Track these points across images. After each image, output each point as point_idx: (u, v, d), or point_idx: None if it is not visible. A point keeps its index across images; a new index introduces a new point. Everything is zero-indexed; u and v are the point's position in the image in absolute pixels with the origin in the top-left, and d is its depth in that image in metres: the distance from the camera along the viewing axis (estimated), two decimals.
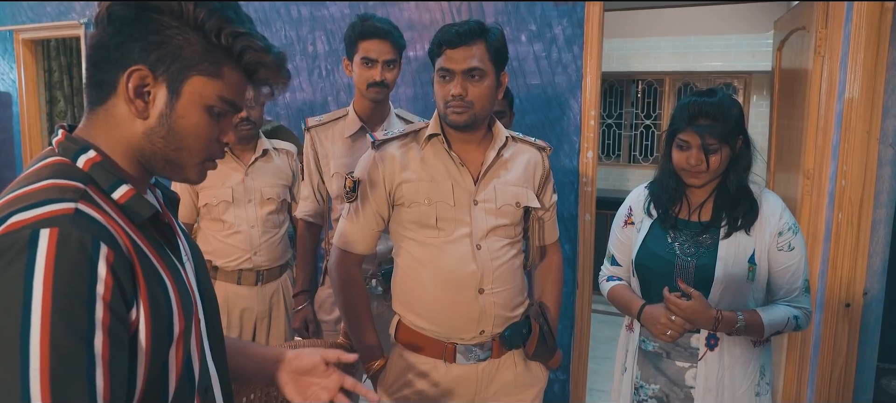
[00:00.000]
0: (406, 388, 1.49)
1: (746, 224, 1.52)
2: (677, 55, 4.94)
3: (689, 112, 1.51)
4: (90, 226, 0.67)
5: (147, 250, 0.75)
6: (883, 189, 2.17)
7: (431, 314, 1.47)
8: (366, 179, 1.48)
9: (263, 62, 0.80)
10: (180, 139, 0.78)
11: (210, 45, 0.77)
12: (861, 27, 2.08)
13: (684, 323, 1.48)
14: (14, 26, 3.92)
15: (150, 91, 0.76)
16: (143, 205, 0.76)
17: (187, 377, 0.81)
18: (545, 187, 1.59)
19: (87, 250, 0.65)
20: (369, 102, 1.94)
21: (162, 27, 0.75)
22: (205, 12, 0.75)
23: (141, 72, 0.75)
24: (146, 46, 0.75)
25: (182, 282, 0.80)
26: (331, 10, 2.91)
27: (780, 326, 1.51)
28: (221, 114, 0.81)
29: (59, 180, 0.71)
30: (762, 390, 1.58)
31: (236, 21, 0.78)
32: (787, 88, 2.81)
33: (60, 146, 0.77)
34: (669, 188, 1.60)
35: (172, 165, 0.81)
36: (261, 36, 0.80)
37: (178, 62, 0.76)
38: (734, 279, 1.51)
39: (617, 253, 1.73)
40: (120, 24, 0.75)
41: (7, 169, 4.21)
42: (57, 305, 0.62)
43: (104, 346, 0.65)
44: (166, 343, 0.75)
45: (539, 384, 1.58)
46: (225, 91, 0.79)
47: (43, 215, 0.65)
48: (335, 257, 1.54)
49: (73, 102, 4.66)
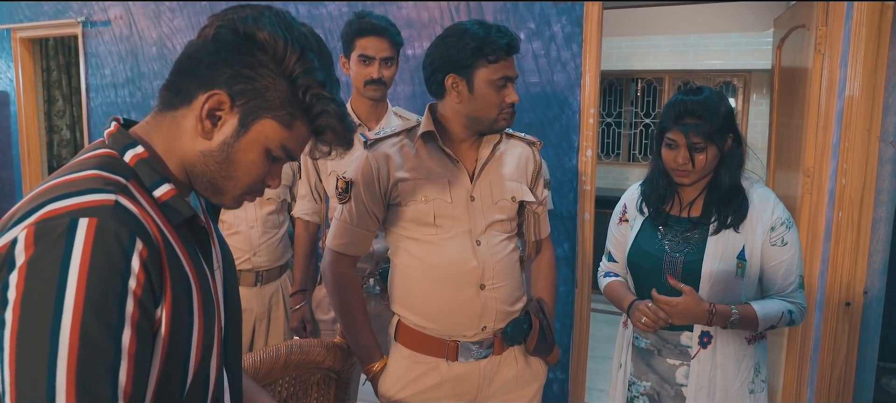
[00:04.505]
0: (408, 388, 1.48)
1: (735, 222, 1.51)
2: (677, 53, 4.93)
3: (675, 111, 1.50)
4: (128, 219, 0.67)
5: (179, 251, 0.75)
6: (883, 188, 2.16)
7: (432, 313, 1.46)
8: (359, 179, 1.46)
9: (334, 128, 0.82)
10: (233, 170, 0.80)
11: (294, 97, 0.78)
12: (861, 25, 2.08)
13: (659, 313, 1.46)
14: (12, 25, 3.91)
15: (223, 117, 0.77)
16: (182, 205, 0.77)
17: (201, 384, 0.81)
18: (537, 181, 1.60)
19: (123, 244, 0.65)
20: (367, 99, 1.93)
21: (257, 64, 0.76)
22: (301, 68, 0.77)
23: (220, 97, 0.76)
24: (235, 76, 0.76)
25: (208, 289, 0.80)
26: (328, 8, 2.90)
27: (774, 320, 1.50)
28: (276, 159, 0.82)
29: (103, 172, 0.72)
30: (757, 387, 1.58)
31: (327, 84, 0.80)
32: (786, 87, 2.81)
33: (111, 138, 0.77)
34: (660, 187, 1.60)
35: (215, 188, 0.82)
36: (341, 103, 0.82)
37: (258, 100, 0.77)
38: (722, 275, 1.50)
39: (613, 250, 1.74)
40: (220, 45, 0.76)
41: (5, 168, 4.20)
42: (90, 296, 0.62)
43: (131, 341, 0.65)
44: (183, 347, 0.75)
45: (539, 379, 1.59)
46: (289, 141, 0.80)
47: (83, 204, 0.66)
48: (329, 259, 1.52)
49: (71, 101, 4.65)
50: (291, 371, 1.43)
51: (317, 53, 0.80)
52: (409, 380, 1.48)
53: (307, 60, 0.78)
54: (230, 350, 0.91)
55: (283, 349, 1.38)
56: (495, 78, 1.38)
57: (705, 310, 1.45)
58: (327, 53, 0.83)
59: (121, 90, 3.57)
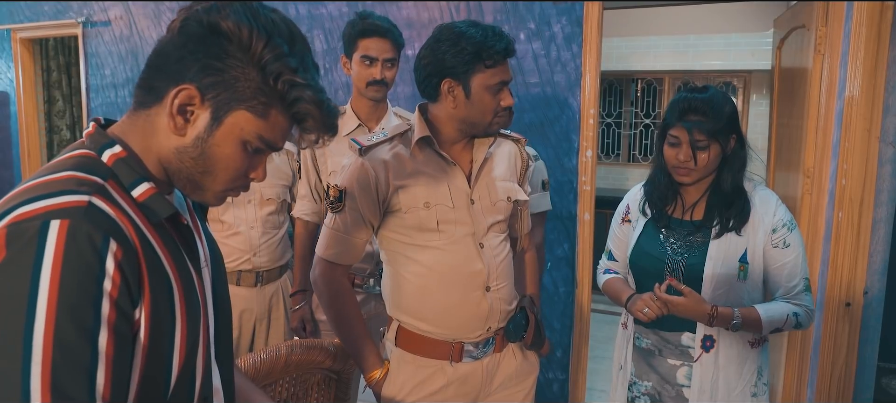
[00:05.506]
0: (414, 393, 1.47)
1: (737, 225, 1.51)
2: (677, 54, 4.93)
3: (679, 108, 1.50)
4: (101, 220, 0.67)
5: (160, 251, 0.74)
6: (883, 188, 2.16)
7: (439, 318, 1.45)
8: (355, 186, 1.41)
9: (312, 115, 0.79)
10: (209, 165, 0.78)
11: (266, 85, 0.76)
12: (861, 25, 2.08)
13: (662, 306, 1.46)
14: (12, 25, 3.91)
15: (194, 112, 0.76)
16: (161, 205, 0.76)
17: (187, 384, 0.80)
18: (525, 178, 1.62)
19: (97, 245, 0.65)
20: (368, 100, 1.93)
21: (225, 55, 0.75)
22: (270, 55, 0.75)
23: (189, 91, 0.75)
24: (204, 69, 0.74)
25: (191, 288, 0.79)
26: (329, 8, 2.90)
27: (779, 323, 1.48)
28: (257, 151, 0.80)
29: (79, 173, 0.71)
30: (759, 390, 1.58)
31: (300, 70, 0.77)
32: (786, 87, 2.81)
33: (90, 139, 0.77)
34: (662, 186, 1.60)
35: (194, 185, 0.80)
36: (319, 88, 0.79)
37: (229, 92, 0.75)
38: (724, 278, 1.50)
39: (614, 250, 1.74)
40: (187, 39, 0.75)
41: (5, 168, 4.20)
42: (63, 298, 0.62)
43: (108, 343, 0.64)
44: (165, 347, 0.74)
45: (535, 371, 1.63)
46: (266, 132, 0.78)
47: (55, 206, 0.65)
48: (321, 269, 1.48)
49: (71, 101, 4.65)
50: (291, 372, 1.42)
51: (286, 39, 0.77)
52: (415, 385, 1.47)
53: (275, 46, 0.75)
54: (221, 348, 0.90)
55: (283, 349, 1.38)
56: (493, 83, 1.37)
57: (706, 312, 1.45)
58: (300, 38, 0.80)
59: (121, 90, 3.57)
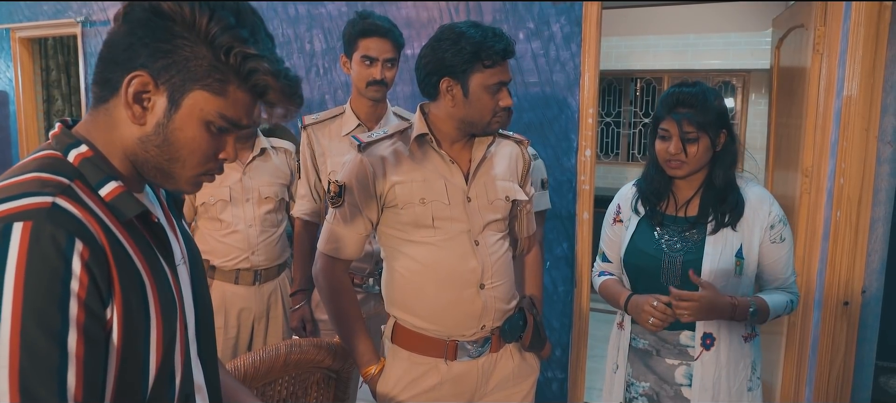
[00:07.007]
0: (408, 390, 1.48)
1: (733, 220, 1.53)
2: (676, 53, 4.94)
3: (668, 102, 1.53)
4: (66, 221, 0.66)
5: (130, 249, 0.73)
6: (881, 187, 2.17)
7: (432, 314, 1.46)
8: (353, 182, 1.44)
9: (271, 86, 0.77)
10: (174, 151, 0.77)
11: (218, 61, 0.74)
12: (859, 25, 2.08)
13: (668, 312, 1.47)
14: (11, 24, 3.91)
15: (150, 98, 0.75)
16: (130, 203, 0.75)
17: (166, 382, 0.79)
18: (527, 179, 1.62)
19: (61, 246, 0.64)
20: (367, 100, 1.94)
21: (172, 36, 0.73)
22: (217, 28, 0.73)
23: (142, 78, 0.73)
24: (153, 53, 0.73)
25: (166, 285, 0.78)
26: (328, 8, 2.90)
27: (780, 310, 1.56)
28: (222, 130, 0.78)
29: (44, 174, 0.70)
30: (754, 384, 1.60)
31: (250, 41, 0.75)
32: (785, 86, 2.81)
33: (55, 139, 0.76)
34: (655, 181, 1.61)
35: (163, 174, 0.79)
36: (276, 59, 0.78)
37: (182, 73, 0.74)
38: (722, 274, 1.51)
39: (607, 250, 1.75)
40: (132, 26, 0.74)
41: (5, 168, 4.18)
42: (28, 301, 0.61)
43: (78, 344, 0.64)
44: (140, 346, 0.73)
45: (534, 374, 1.62)
46: (227, 109, 0.77)
47: (18, 209, 0.65)
48: (322, 263, 1.51)
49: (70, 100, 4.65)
50: (291, 371, 1.43)
51: (233, 12, 0.75)
52: (409, 382, 1.48)
53: (221, 19, 0.73)
54: (203, 346, 0.90)
55: (282, 348, 1.38)
56: (491, 83, 1.38)
57: (728, 303, 1.46)
58: (248, 10, 0.78)
59: None
